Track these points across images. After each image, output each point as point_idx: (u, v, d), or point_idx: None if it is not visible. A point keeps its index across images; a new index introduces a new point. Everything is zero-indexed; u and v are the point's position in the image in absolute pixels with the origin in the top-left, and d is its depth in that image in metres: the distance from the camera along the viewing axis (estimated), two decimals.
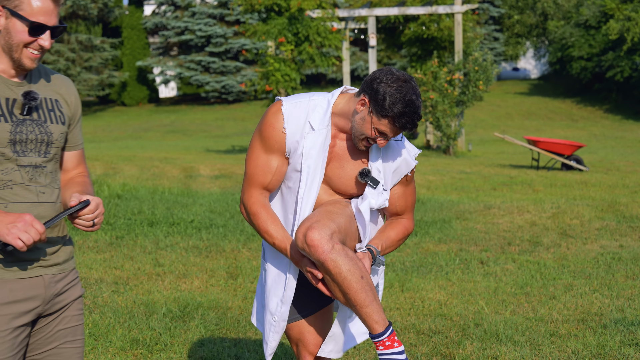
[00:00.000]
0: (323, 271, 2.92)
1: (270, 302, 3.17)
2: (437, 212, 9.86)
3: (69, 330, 2.65)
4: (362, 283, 2.90)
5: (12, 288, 2.46)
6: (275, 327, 3.18)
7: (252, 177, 3.07)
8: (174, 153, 21.18)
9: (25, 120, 2.50)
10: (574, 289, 6.20)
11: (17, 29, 2.46)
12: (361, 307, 2.90)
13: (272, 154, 3.04)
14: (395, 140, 3.07)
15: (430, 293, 6.08)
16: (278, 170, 3.05)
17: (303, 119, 3.01)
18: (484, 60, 21.52)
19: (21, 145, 2.49)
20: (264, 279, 3.23)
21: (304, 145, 3.00)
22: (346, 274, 2.87)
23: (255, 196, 3.08)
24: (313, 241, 2.85)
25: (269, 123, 3.02)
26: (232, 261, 7.16)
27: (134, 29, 47.26)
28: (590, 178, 14.26)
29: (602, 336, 4.97)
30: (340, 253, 2.88)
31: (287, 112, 3.00)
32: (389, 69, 2.95)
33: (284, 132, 2.99)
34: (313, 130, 3.00)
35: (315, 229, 2.87)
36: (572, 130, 33.31)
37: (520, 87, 48.45)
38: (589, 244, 8.04)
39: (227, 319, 5.38)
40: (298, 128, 3.00)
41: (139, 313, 5.49)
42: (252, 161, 3.07)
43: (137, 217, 8.96)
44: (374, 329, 2.92)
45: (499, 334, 5.00)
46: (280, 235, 3.04)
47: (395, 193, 3.17)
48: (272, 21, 20.44)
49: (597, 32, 41.18)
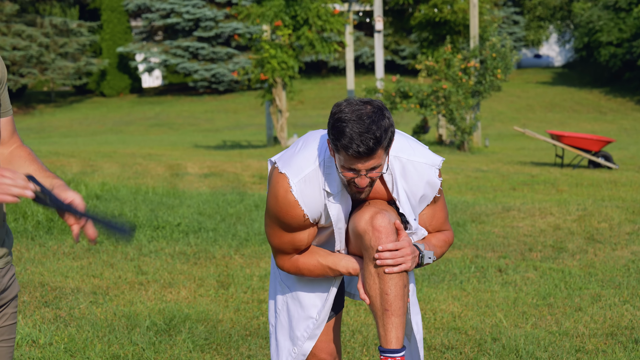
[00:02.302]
0: (371, 261, 2.95)
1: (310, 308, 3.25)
2: (450, 214, 9.87)
3: (5, 329, 2.69)
4: (405, 290, 2.98)
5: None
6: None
7: (280, 249, 3.15)
8: (159, 149, 21.20)
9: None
10: (602, 300, 6.21)
11: None
12: (392, 315, 2.95)
13: (297, 232, 3.09)
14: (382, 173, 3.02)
15: (442, 304, 6.08)
16: (309, 237, 3.11)
17: (318, 191, 3.02)
18: (503, 46, 21.53)
19: None
20: (286, 309, 3.29)
21: (329, 213, 3.05)
22: (396, 274, 2.95)
23: (291, 260, 3.17)
24: (380, 227, 2.92)
25: (285, 211, 3.02)
26: (223, 269, 7.17)
27: (114, 12, 47.30)
28: (620, 177, 14.27)
29: (633, 352, 4.97)
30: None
31: (300, 194, 2.99)
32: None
33: (306, 217, 3.03)
34: (331, 195, 3.03)
35: (385, 217, 2.94)
36: (600, 124, 33.33)
37: (542, 76, 48.49)
38: (619, 250, 8.04)
39: (217, 333, 5.39)
40: (317, 202, 3.02)
41: (119, 326, 5.49)
42: (276, 239, 3.13)
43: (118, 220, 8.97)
44: (391, 342, 2.95)
45: (518, 350, 5.01)
46: (327, 269, 3.14)
47: (424, 215, 3.19)
48: (268, 3, 20.47)
49: (627, 15, 41.18)
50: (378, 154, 2.85)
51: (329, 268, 3.11)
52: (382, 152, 2.86)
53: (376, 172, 2.91)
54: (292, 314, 3.27)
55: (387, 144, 2.87)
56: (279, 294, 3.34)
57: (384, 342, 2.96)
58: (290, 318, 3.28)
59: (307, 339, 3.23)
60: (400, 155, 3.03)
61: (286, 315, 3.30)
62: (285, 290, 3.31)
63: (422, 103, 20.91)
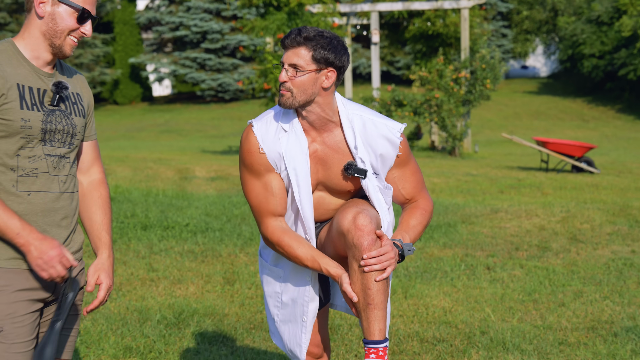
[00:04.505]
0: (355, 259, 2.95)
1: (296, 308, 3.23)
2: (441, 215, 9.88)
3: (71, 318, 2.84)
4: (386, 285, 2.97)
5: (28, 277, 2.65)
6: (305, 341, 3.24)
7: (258, 207, 3.13)
8: (169, 154, 21.20)
9: (54, 111, 2.68)
10: (583, 296, 6.22)
11: (64, 15, 2.64)
12: (374, 308, 2.94)
13: (263, 177, 3.09)
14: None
15: (434, 300, 6.10)
16: (278, 189, 3.10)
17: (274, 129, 3.07)
18: (492, 57, 21.56)
19: (50, 134, 2.66)
20: (281, 290, 3.27)
21: (283, 150, 3.05)
22: (375, 268, 2.93)
23: (271, 225, 3.12)
24: (362, 226, 2.92)
25: (246, 149, 3.09)
26: (229, 266, 7.18)
27: (127, 25, 47.28)
28: (601, 181, 14.29)
29: (612, 345, 4.99)
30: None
31: (259, 131, 3.07)
32: None
33: (262, 151, 3.06)
34: (286, 132, 3.06)
35: (367, 216, 2.94)
36: (583, 131, 33.33)
37: (529, 86, 48.47)
38: (600, 249, 8.06)
39: (223, 326, 5.40)
40: (274, 140, 3.06)
41: (132, 320, 5.50)
42: (250, 192, 3.13)
43: (130, 221, 8.98)
44: (374, 334, 2.95)
45: (505, 343, 5.02)
46: (309, 256, 3.07)
47: (394, 176, 3.18)
48: (271, 16, 20.47)
49: (609, 28, 41.20)
50: (300, 51, 2.98)
51: (312, 257, 3.05)
52: (307, 55, 2.98)
53: (295, 71, 2.98)
54: (283, 297, 3.27)
55: (315, 50, 2.97)
56: (267, 293, 3.35)
57: (367, 334, 2.96)
58: (282, 301, 3.28)
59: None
60: (362, 114, 3.11)
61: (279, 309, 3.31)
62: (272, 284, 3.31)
63: (416, 111, 20.92)
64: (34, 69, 2.67)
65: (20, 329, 2.62)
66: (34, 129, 2.61)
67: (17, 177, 2.62)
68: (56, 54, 2.69)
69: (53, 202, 2.68)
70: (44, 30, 2.65)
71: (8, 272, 2.62)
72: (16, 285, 2.62)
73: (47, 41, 2.67)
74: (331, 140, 3.10)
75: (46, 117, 2.65)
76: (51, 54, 2.69)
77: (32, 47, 2.68)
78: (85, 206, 2.86)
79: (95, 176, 2.90)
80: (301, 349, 3.22)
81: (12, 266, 2.62)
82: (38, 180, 2.65)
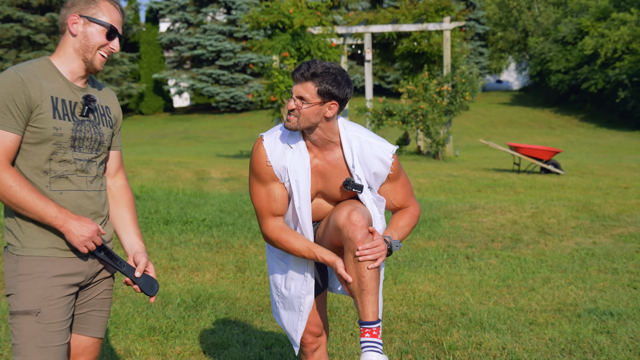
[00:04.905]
0: (350, 251, 2.96)
1: (294, 299, 3.24)
2: (427, 211, 9.87)
3: (98, 301, 2.85)
4: (377, 273, 2.98)
5: (63, 264, 2.67)
6: (303, 317, 3.25)
7: (261, 209, 3.14)
8: (187, 158, 21.19)
9: (83, 121, 2.70)
10: (551, 282, 6.22)
11: (95, 33, 2.68)
12: (368, 293, 2.95)
13: (268, 185, 3.10)
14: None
15: (420, 285, 6.09)
16: (280, 196, 3.11)
17: (281, 145, 3.08)
18: (470, 73, 21.53)
19: (79, 141, 2.69)
20: (284, 280, 3.28)
21: (287, 165, 3.06)
22: (369, 258, 2.95)
23: (271, 224, 3.14)
24: (356, 221, 2.94)
25: (255, 160, 3.09)
26: (241, 256, 7.17)
27: (151, 44, 47.28)
28: (566, 181, 14.28)
29: (576, 325, 4.98)
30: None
31: (268, 145, 3.08)
32: None
33: (269, 164, 3.06)
34: (291, 149, 3.07)
35: (360, 213, 2.97)
36: (550, 137, 33.30)
37: (503, 98, 48.42)
38: (565, 240, 8.05)
39: (235, 309, 5.40)
40: (281, 154, 3.07)
41: (155, 303, 5.50)
42: (255, 196, 3.14)
43: (154, 216, 8.98)
44: (368, 316, 2.95)
45: (482, 323, 5.02)
46: (305, 247, 3.08)
47: (387, 190, 3.20)
48: (277, 37, 20.45)
49: (573, 47, 41.20)
50: (307, 85, 2.96)
51: (307, 248, 3.07)
52: (313, 90, 2.96)
53: (301, 102, 2.97)
54: (283, 289, 3.29)
55: (320, 85, 2.95)
56: (272, 277, 3.36)
57: (362, 316, 2.97)
58: (281, 293, 3.30)
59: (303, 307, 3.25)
60: (360, 136, 3.11)
61: (281, 290, 3.32)
62: (276, 271, 3.32)
63: (404, 120, 20.89)
64: (67, 83, 2.69)
65: (56, 310, 2.63)
66: (64, 136, 2.63)
67: (50, 179, 2.64)
68: (88, 68, 2.70)
69: (82, 199, 2.70)
70: (77, 47, 2.68)
71: (45, 260, 2.63)
72: (52, 272, 2.63)
73: (80, 57, 2.69)
74: (331, 157, 3.11)
75: (76, 126, 2.67)
76: (83, 69, 2.71)
77: (67, 63, 2.70)
78: (115, 208, 2.88)
79: (121, 182, 2.92)
80: (297, 334, 3.26)
81: (49, 255, 2.64)
82: (68, 181, 2.67)
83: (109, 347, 4.55)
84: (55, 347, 2.62)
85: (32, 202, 2.56)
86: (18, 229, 2.64)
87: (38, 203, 2.57)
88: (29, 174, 2.62)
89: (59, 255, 2.65)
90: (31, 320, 2.59)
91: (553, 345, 4.57)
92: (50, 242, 2.64)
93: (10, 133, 2.56)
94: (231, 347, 4.59)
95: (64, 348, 2.65)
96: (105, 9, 2.69)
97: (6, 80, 2.56)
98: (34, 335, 2.59)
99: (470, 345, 4.59)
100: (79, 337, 2.82)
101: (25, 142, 2.60)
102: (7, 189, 2.55)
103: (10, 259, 2.66)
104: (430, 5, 24.26)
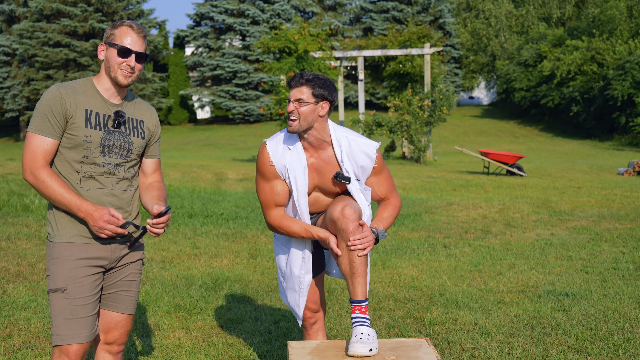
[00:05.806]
0: (343, 240, 2.97)
1: (295, 279, 3.23)
2: (410, 207, 9.85)
3: (125, 282, 2.84)
4: (366, 259, 2.99)
5: (87, 249, 2.69)
6: (303, 292, 3.23)
7: (265, 202, 3.16)
8: (208, 161, 21.17)
9: (114, 132, 2.72)
10: (515, 267, 6.20)
11: (113, 54, 2.69)
12: (358, 276, 2.96)
13: (271, 182, 3.13)
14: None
15: (405, 270, 6.07)
16: (281, 190, 3.13)
17: (281, 148, 3.10)
18: (447, 90, 21.50)
19: (108, 148, 2.70)
20: (287, 263, 3.26)
21: (287, 164, 3.08)
22: (359, 247, 2.96)
23: (273, 214, 3.15)
24: (348, 215, 2.96)
25: (260, 161, 3.13)
26: (253, 245, 7.16)
27: (177, 66, 47.26)
28: (528, 182, 14.26)
29: (537, 304, 4.97)
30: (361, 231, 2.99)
31: (270, 148, 3.11)
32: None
33: (272, 164, 3.09)
34: (290, 150, 3.09)
35: (351, 208, 2.98)
36: (514, 145, 33.26)
37: (474, 112, 48.41)
38: (527, 232, 8.03)
39: (248, 290, 5.38)
40: (281, 156, 3.09)
41: (180, 284, 5.48)
42: (260, 191, 3.17)
43: (180, 211, 8.96)
44: (358, 295, 2.97)
45: (458, 302, 5.00)
46: (303, 229, 3.10)
47: (372, 182, 3.22)
48: (284, 60, 20.44)
49: (534, 69, 41.19)
50: (303, 89, 3.02)
51: (305, 229, 3.09)
52: (308, 92, 3.01)
53: (299, 104, 3.01)
54: (286, 271, 3.28)
55: (314, 89, 3.00)
56: (278, 257, 3.35)
57: (353, 295, 2.99)
58: (285, 274, 3.29)
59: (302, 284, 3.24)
60: (347, 135, 3.13)
61: (284, 269, 3.31)
62: (280, 253, 3.31)
63: (391, 130, 20.86)
64: (103, 99, 2.72)
65: (80, 287, 2.65)
66: (94, 143, 2.66)
67: (81, 178, 2.68)
68: (116, 83, 2.71)
69: (107, 196, 2.71)
70: (105, 68, 2.72)
71: (72, 245, 2.67)
72: (77, 255, 2.67)
73: (108, 76, 2.72)
74: (325, 156, 3.13)
75: (106, 135, 2.69)
76: (114, 85, 2.72)
77: (102, 83, 2.74)
78: (146, 191, 2.86)
79: (156, 178, 2.92)
80: (299, 308, 3.27)
81: (75, 241, 2.68)
82: (96, 181, 2.70)
83: (141, 322, 4.53)
84: (81, 318, 2.65)
85: (61, 195, 2.61)
86: (54, 220, 2.69)
87: (65, 196, 2.61)
88: (64, 172, 2.67)
89: (84, 242, 2.69)
90: (60, 297, 2.64)
91: (517, 321, 4.55)
92: (77, 230, 2.68)
93: (49, 138, 2.63)
94: (245, 322, 4.57)
95: (88, 320, 2.66)
96: (119, 33, 2.69)
97: (48, 95, 2.63)
98: (62, 309, 2.63)
99: (447, 320, 4.57)
100: (110, 314, 2.83)
101: (62, 146, 2.66)
102: (41, 183, 2.60)
103: (48, 245, 2.71)
104: (413, 33, 24.30)
